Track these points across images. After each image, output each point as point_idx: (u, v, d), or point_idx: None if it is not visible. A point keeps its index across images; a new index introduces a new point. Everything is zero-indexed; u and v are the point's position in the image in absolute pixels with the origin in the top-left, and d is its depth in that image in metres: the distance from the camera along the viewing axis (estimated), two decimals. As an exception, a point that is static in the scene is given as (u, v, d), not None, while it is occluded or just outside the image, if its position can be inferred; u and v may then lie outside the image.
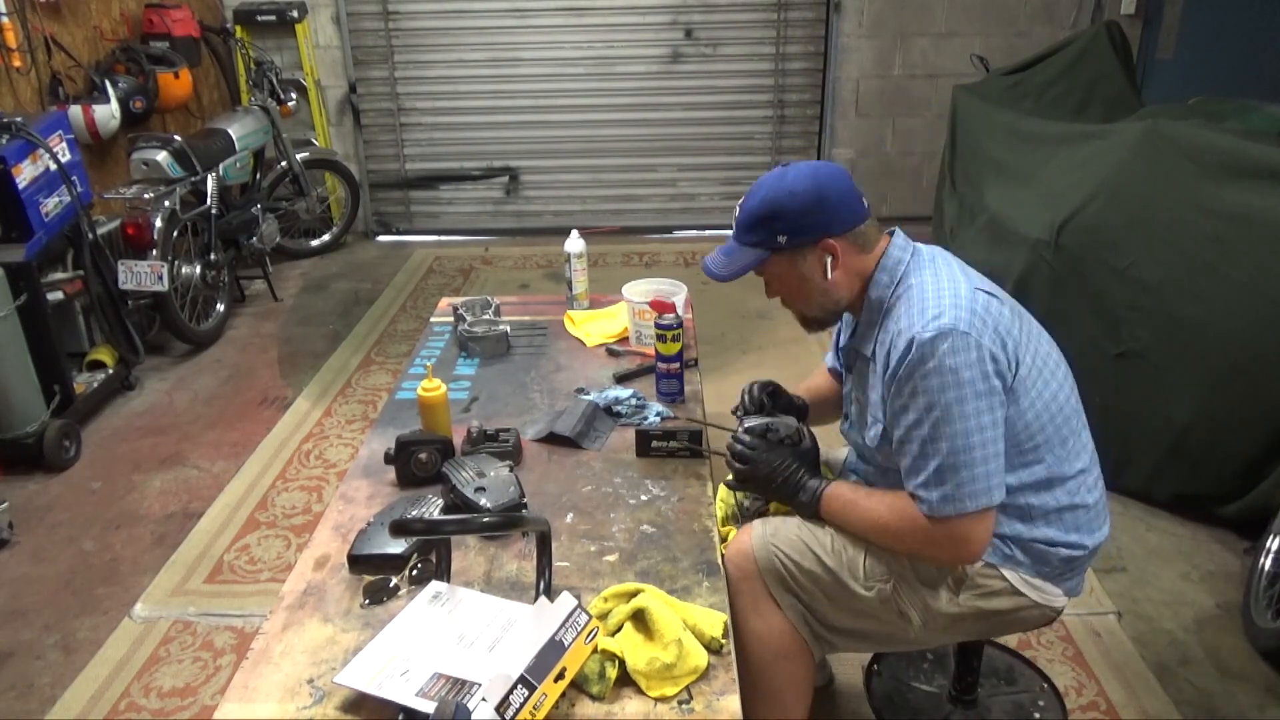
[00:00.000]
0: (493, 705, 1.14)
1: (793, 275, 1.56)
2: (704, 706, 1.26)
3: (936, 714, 2.00)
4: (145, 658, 2.29)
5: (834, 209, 1.50)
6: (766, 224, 1.52)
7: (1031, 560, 1.55)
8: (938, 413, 1.38)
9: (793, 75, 5.22)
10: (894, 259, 1.53)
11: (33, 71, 3.71)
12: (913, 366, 1.39)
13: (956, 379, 1.37)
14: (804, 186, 1.50)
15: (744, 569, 1.62)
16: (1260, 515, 2.45)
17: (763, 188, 1.54)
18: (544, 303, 2.72)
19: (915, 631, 1.59)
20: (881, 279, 1.53)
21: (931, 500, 1.42)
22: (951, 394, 1.37)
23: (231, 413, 3.51)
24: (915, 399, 1.40)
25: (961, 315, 1.39)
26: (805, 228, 1.50)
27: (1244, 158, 2.57)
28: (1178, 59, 4.62)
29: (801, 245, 1.52)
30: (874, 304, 1.54)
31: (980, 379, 1.38)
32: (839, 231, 1.51)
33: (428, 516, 1.59)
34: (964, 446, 1.38)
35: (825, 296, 1.56)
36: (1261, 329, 2.45)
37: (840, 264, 1.52)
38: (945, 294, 1.43)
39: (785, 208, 1.50)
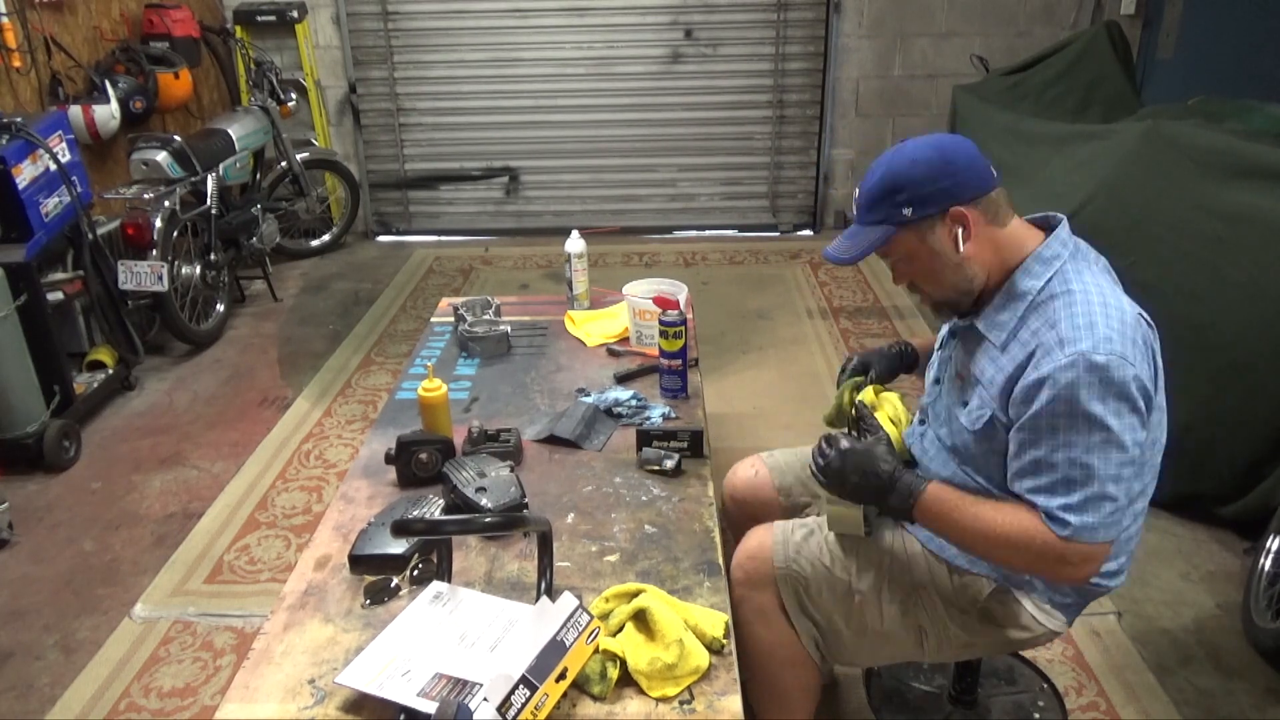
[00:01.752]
0: (494, 705, 1.14)
1: (922, 251, 1.42)
2: (705, 706, 1.26)
3: (936, 714, 2.00)
4: (145, 658, 2.29)
5: (961, 174, 1.39)
6: (889, 197, 1.40)
7: (1046, 586, 1.53)
8: (1093, 439, 1.29)
9: (793, 75, 5.22)
10: (1053, 251, 1.41)
11: (33, 71, 3.71)
12: (1080, 385, 1.28)
13: (1119, 409, 1.29)
14: (926, 154, 1.40)
15: (755, 577, 1.61)
16: (1260, 515, 2.45)
17: (881, 163, 1.44)
18: (544, 303, 2.72)
19: (929, 650, 1.59)
20: (1034, 268, 1.40)
21: (1074, 525, 1.31)
22: (1114, 421, 1.29)
23: (231, 413, 3.50)
24: (1076, 421, 1.29)
25: (1127, 345, 1.30)
26: (931, 196, 1.38)
27: (1244, 158, 2.57)
28: (1178, 59, 4.62)
29: (929, 216, 1.39)
30: (1018, 292, 1.41)
31: (1134, 413, 1.31)
32: (968, 198, 1.38)
33: (429, 517, 1.59)
34: (1115, 477, 1.30)
35: (959, 273, 1.42)
36: (1261, 329, 2.45)
37: (973, 235, 1.39)
38: (1113, 314, 1.32)
39: (908, 176, 1.39)
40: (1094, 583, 1.51)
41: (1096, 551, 1.34)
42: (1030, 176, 3.18)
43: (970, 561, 1.53)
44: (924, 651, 1.60)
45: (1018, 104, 3.77)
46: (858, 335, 4.00)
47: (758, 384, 3.60)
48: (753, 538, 1.66)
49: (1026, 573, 1.49)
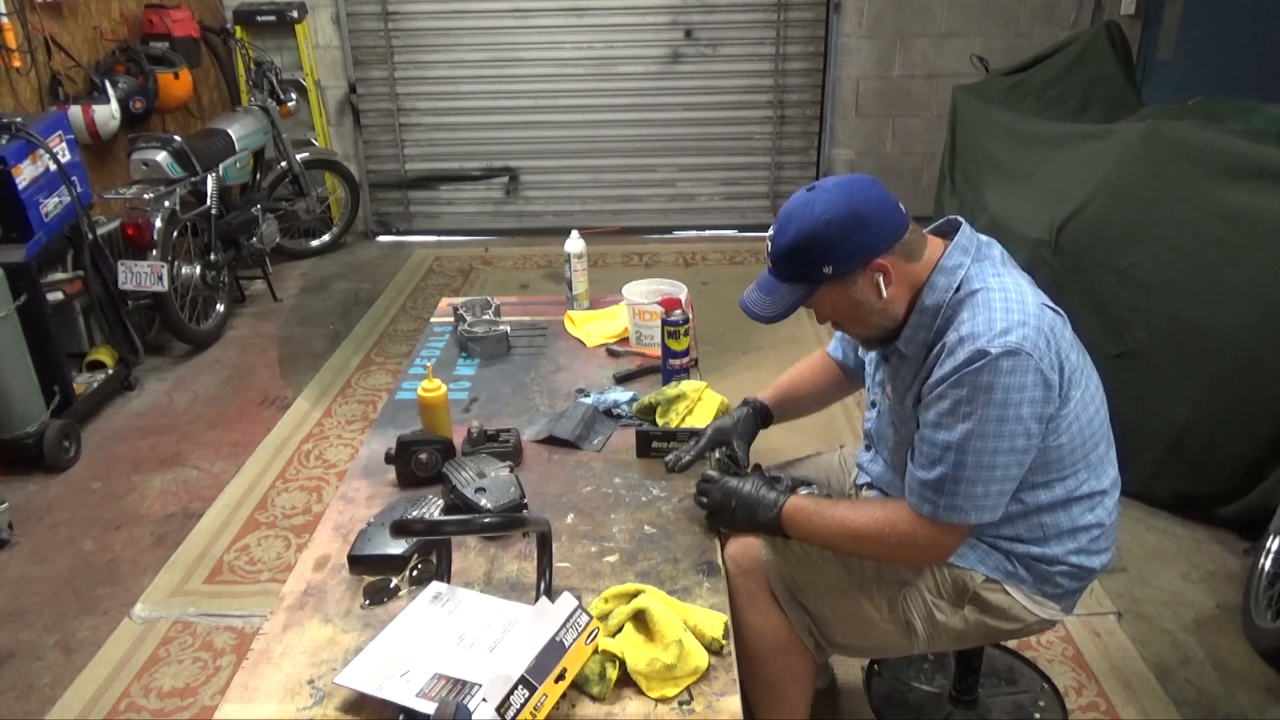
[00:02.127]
0: (493, 706, 1.14)
1: (845, 303, 1.46)
2: (704, 707, 1.26)
3: (937, 714, 2.00)
4: (145, 658, 2.29)
5: (875, 225, 1.40)
6: (806, 257, 1.42)
7: (1034, 579, 1.54)
8: (974, 426, 1.35)
9: (793, 75, 5.22)
10: (955, 261, 1.44)
11: (33, 71, 3.71)
12: (969, 376, 1.34)
13: (1005, 399, 1.34)
14: (838, 209, 1.39)
15: (746, 566, 1.62)
16: (1260, 515, 2.44)
17: (793, 219, 1.42)
18: (544, 303, 2.71)
19: (919, 644, 1.60)
20: (939, 282, 1.43)
21: (936, 504, 1.41)
22: (995, 412, 1.34)
23: (231, 413, 3.50)
24: (960, 406, 1.36)
25: (1028, 335, 1.34)
26: (850, 254, 1.40)
27: (1244, 158, 2.57)
28: (1178, 59, 4.62)
29: (850, 272, 1.42)
30: (928, 308, 1.44)
31: (1028, 403, 1.35)
32: (885, 248, 1.40)
33: (428, 517, 1.59)
34: (988, 464, 1.37)
35: (884, 316, 1.46)
36: (1261, 329, 2.45)
37: (894, 280, 1.43)
38: (1014, 308, 1.37)
39: (824, 237, 1.39)
40: (1076, 564, 1.53)
41: (945, 534, 1.44)
42: (1030, 176, 3.18)
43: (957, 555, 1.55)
44: (913, 644, 1.60)
45: (1018, 104, 3.76)
46: (858, 335, 4.00)
47: (758, 384, 3.55)
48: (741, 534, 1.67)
49: (891, 562, 1.56)
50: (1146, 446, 2.71)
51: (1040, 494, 1.48)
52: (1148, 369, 2.67)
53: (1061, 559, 1.52)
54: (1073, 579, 1.56)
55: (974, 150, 3.77)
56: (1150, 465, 2.73)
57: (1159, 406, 2.65)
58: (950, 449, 1.38)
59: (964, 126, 3.95)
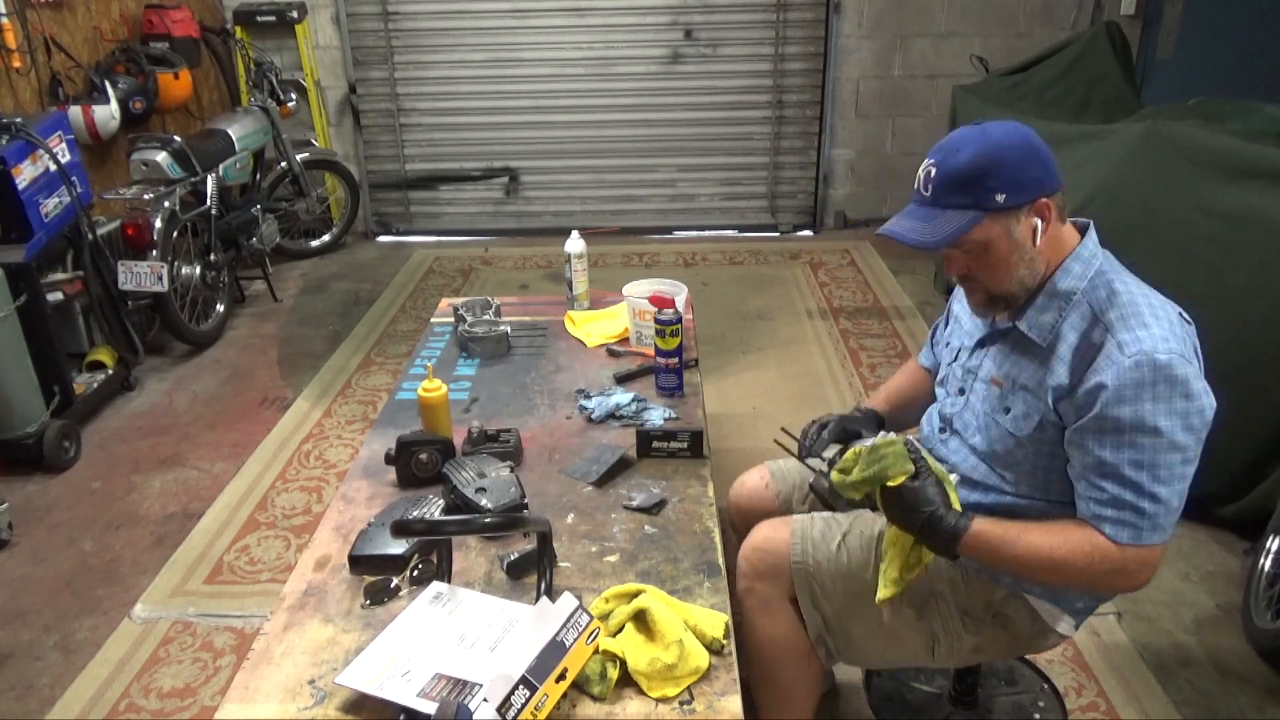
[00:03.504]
0: (494, 706, 1.14)
1: (1003, 242, 1.35)
2: (705, 707, 1.26)
3: (937, 715, 2.00)
4: (145, 658, 2.29)
5: (1049, 162, 1.35)
6: (981, 181, 1.32)
7: (1051, 593, 1.53)
8: (1161, 440, 1.29)
9: (792, 75, 5.22)
10: (1090, 251, 1.40)
11: (32, 72, 3.71)
12: (1142, 388, 1.28)
13: (1185, 409, 1.29)
14: (1015, 139, 1.33)
15: (762, 569, 1.60)
16: (1260, 515, 2.44)
17: (968, 142, 1.34)
18: (544, 303, 2.72)
19: (940, 655, 1.59)
20: (1074, 268, 1.38)
21: (1139, 527, 1.32)
22: (1179, 421, 1.29)
23: (231, 413, 3.50)
24: (1142, 422, 1.29)
25: (1187, 345, 1.31)
26: (1025, 184, 1.33)
27: (1244, 158, 2.57)
28: (1178, 59, 4.62)
29: (1019, 205, 1.33)
30: (1060, 292, 1.38)
31: (1196, 413, 1.30)
32: (1053, 189, 1.35)
33: (428, 517, 1.59)
34: (1174, 477, 1.32)
35: (1030, 267, 1.38)
36: (1261, 329, 2.45)
37: (1049, 229, 1.36)
38: (1160, 314, 1.33)
39: (1004, 160, 1.32)
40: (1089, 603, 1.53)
41: (1152, 555, 1.35)
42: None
43: (981, 567, 1.52)
44: (934, 657, 1.59)
45: (1018, 104, 3.77)
46: (857, 335, 4.00)
47: (758, 384, 3.60)
48: (762, 529, 1.66)
49: (1084, 589, 1.48)
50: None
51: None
52: (1148, 369, 2.67)
53: None
54: (1090, 597, 1.55)
55: (974, 150, 3.76)
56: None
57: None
58: (1143, 467, 1.30)
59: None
